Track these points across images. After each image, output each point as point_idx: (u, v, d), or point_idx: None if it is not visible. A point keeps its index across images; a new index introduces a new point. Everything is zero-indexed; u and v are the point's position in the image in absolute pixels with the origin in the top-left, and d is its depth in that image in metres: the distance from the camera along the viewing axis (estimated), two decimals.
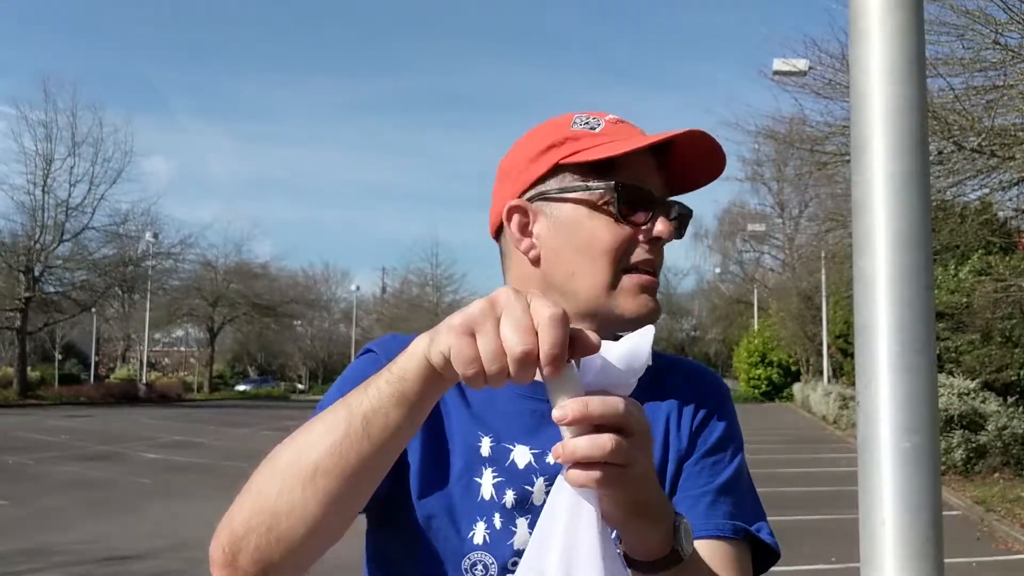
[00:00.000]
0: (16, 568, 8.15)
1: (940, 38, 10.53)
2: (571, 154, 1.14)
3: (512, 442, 1.14)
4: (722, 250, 61.81)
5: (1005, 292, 17.37)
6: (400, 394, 0.88)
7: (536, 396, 1.13)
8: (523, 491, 1.12)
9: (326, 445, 0.90)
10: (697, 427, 1.19)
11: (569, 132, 1.16)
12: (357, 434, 0.89)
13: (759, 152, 17.71)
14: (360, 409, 0.89)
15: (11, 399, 37.39)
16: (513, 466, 1.13)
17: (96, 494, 12.87)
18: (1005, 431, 14.76)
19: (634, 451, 0.86)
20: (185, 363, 68.62)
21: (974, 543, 9.74)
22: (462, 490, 1.13)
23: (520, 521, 1.11)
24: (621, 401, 0.85)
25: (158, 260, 45.91)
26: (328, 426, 0.91)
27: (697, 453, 1.18)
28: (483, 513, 1.12)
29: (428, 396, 0.89)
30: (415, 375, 0.87)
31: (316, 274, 71.35)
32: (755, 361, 51.89)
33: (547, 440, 1.08)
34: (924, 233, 0.77)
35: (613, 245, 1.13)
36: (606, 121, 1.17)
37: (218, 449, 20.05)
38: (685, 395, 1.21)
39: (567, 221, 1.15)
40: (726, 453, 1.20)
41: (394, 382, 0.88)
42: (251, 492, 0.96)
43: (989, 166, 11.88)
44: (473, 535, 1.11)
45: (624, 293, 1.14)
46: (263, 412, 36.33)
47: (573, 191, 1.14)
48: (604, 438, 0.83)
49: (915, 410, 0.74)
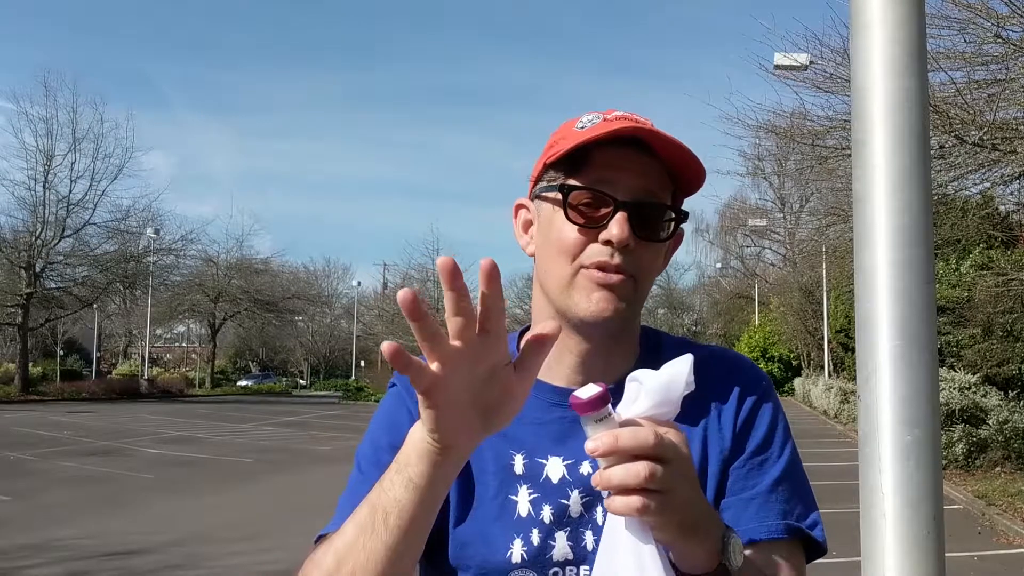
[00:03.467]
0: (18, 563, 8.16)
1: (942, 32, 10.53)
2: (553, 154, 1.16)
3: (544, 455, 1.15)
4: (723, 245, 61.83)
5: (1006, 286, 17.36)
6: (409, 482, 0.94)
7: (563, 403, 1.12)
8: (559, 505, 1.12)
9: (359, 545, 0.97)
10: (742, 426, 1.17)
11: (568, 132, 1.17)
12: (380, 529, 0.96)
13: (760, 147, 17.68)
14: (379, 506, 0.96)
15: (13, 395, 37.46)
16: (547, 481, 1.14)
17: (98, 489, 12.89)
18: (1006, 425, 14.76)
19: (672, 477, 0.88)
20: (187, 359, 68.69)
21: (975, 537, 9.75)
22: (498, 510, 1.13)
23: (559, 535, 1.11)
24: (653, 431, 0.88)
25: (159, 256, 46.00)
26: (357, 525, 0.99)
27: (744, 453, 1.16)
28: (520, 530, 1.12)
29: (435, 476, 0.94)
30: (416, 458, 0.93)
31: (317, 269, 71.50)
32: (756, 356, 51.88)
33: (578, 448, 1.06)
34: (925, 227, 0.77)
35: (568, 245, 1.13)
36: (603, 118, 1.15)
37: (220, 444, 20.08)
38: (726, 390, 1.18)
39: (545, 220, 1.18)
40: (773, 450, 1.18)
41: (401, 472, 0.95)
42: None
43: (990, 160, 11.87)
44: (511, 554, 1.11)
45: (578, 291, 1.13)
46: (265, 408, 36.37)
47: (548, 191, 1.16)
48: (638, 466, 0.87)
49: (916, 404, 0.74)
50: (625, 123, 1.12)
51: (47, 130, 40.26)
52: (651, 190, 1.14)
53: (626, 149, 1.12)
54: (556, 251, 1.14)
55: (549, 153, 1.17)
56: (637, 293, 1.14)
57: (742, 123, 13.82)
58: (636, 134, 1.11)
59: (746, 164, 24.13)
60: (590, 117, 1.17)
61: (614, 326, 1.14)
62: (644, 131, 1.10)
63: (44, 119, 40.34)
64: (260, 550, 8.32)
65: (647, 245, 1.13)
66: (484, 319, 0.85)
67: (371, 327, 62.91)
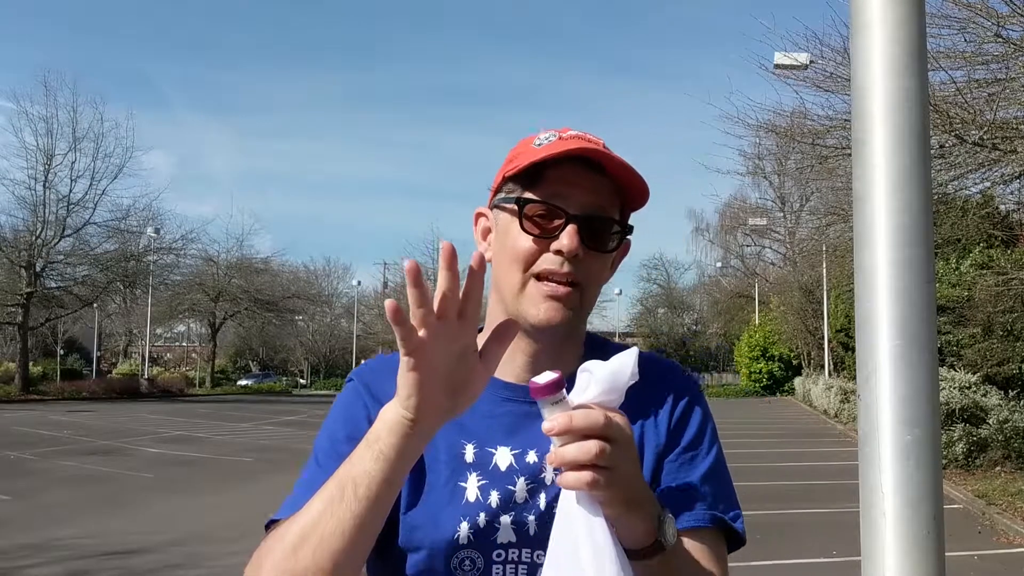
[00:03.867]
0: (18, 563, 8.16)
1: (941, 31, 10.52)
2: (512, 168, 1.25)
3: (494, 445, 1.24)
4: (723, 244, 61.82)
5: (1006, 286, 17.36)
6: (380, 455, 1.03)
7: (515, 399, 1.25)
8: (506, 491, 1.21)
9: (326, 516, 1.04)
10: (676, 424, 1.28)
11: (525, 148, 1.26)
12: (349, 500, 1.03)
13: (760, 146, 17.64)
14: (349, 478, 1.04)
15: (13, 394, 37.47)
16: (496, 469, 1.23)
17: (98, 489, 12.90)
18: (1006, 425, 14.76)
19: (618, 455, 1.00)
20: (187, 358, 68.68)
21: (975, 536, 9.75)
22: (448, 496, 1.21)
23: (504, 518, 1.20)
24: (603, 413, 1.00)
25: (160, 255, 45.99)
26: (324, 499, 1.06)
27: (677, 448, 1.27)
28: (468, 514, 1.20)
29: (404, 449, 1.03)
30: (387, 433, 1.02)
31: (317, 269, 71.46)
32: (756, 355, 51.88)
33: (526, 440, 1.22)
34: (925, 226, 0.77)
35: (522, 254, 1.22)
36: (559, 136, 1.25)
37: (220, 444, 20.08)
38: (660, 392, 1.29)
39: (502, 229, 1.27)
40: (702, 447, 1.28)
41: (372, 447, 1.03)
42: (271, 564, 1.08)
43: (991, 160, 11.86)
44: (458, 535, 1.19)
45: (529, 299, 1.22)
46: (265, 407, 36.37)
47: (506, 202, 1.26)
48: (590, 444, 0.98)
49: (916, 403, 0.74)
50: (579, 143, 1.21)
51: (47, 129, 40.32)
52: (600, 205, 1.23)
53: (578, 167, 1.21)
54: (510, 259, 1.23)
55: (508, 167, 1.26)
56: (583, 301, 1.24)
57: (742, 122, 13.82)
58: (588, 154, 1.20)
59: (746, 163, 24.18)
60: (547, 135, 1.26)
61: (561, 332, 1.24)
62: (596, 151, 1.20)
63: (44, 118, 40.43)
64: None
65: (595, 255, 1.23)
66: (464, 304, 0.98)
67: (371, 326, 62.93)
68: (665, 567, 1.09)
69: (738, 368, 56.35)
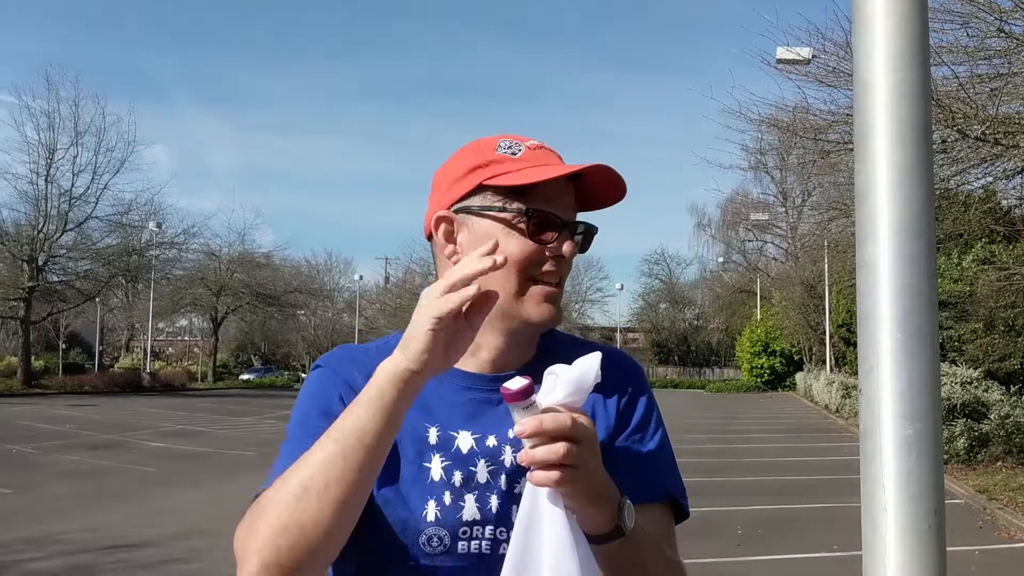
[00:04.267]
0: (20, 556, 8.18)
1: (944, 26, 10.50)
2: (493, 176, 1.31)
3: (456, 429, 1.32)
4: (725, 239, 61.81)
5: (1008, 281, 17.35)
6: (380, 408, 1.10)
7: (475, 387, 1.34)
8: (468, 472, 1.29)
9: (329, 466, 1.10)
10: (624, 407, 1.38)
11: (493, 156, 1.32)
12: (354, 450, 1.10)
13: (762, 141, 17.58)
14: (352, 431, 1.10)
15: (15, 388, 37.51)
16: (458, 451, 1.30)
17: (100, 483, 12.92)
18: (1008, 420, 14.76)
19: (583, 454, 1.08)
20: (189, 352, 68.78)
21: (976, 532, 9.76)
22: (414, 475, 1.28)
23: (468, 497, 1.28)
24: (569, 417, 1.08)
25: (162, 250, 45.94)
26: (324, 455, 1.11)
27: (626, 429, 1.37)
28: (434, 493, 1.27)
29: (403, 403, 1.12)
30: (389, 388, 1.10)
31: (319, 263, 71.49)
32: (758, 350, 51.90)
33: (486, 425, 1.31)
34: (927, 221, 0.76)
35: (522, 259, 1.29)
36: (526, 147, 1.33)
37: (222, 438, 20.11)
38: (611, 378, 1.35)
39: (484, 235, 1.31)
40: (649, 428, 1.39)
41: (373, 402, 1.11)
42: (269, 521, 1.11)
43: (993, 154, 11.84)
44: (426, 513, 1.26)
45: (530, 301, 1.30)
46: (267, 401, 36.44)
47: (492, 209, 1.31)
48: (558, 446, 1.06)
49: (917, 398, 0.74)
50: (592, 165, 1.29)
51: (49, 124, 40.19)
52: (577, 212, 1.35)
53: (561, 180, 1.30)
54: (509, 264, 1.28)
55: (486, 175, 1.31)
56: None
57: (744, 117, 13.77)
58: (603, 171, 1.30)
59: (748, 158, 24.06)
60: (508, 142, 1.34)
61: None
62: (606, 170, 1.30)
63: (46, 113, 40.27)
64: None
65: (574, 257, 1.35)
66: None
67: (373, 321, 62.93)
68: (625, 548, 1.18)
69: (739, 363, 56.36)
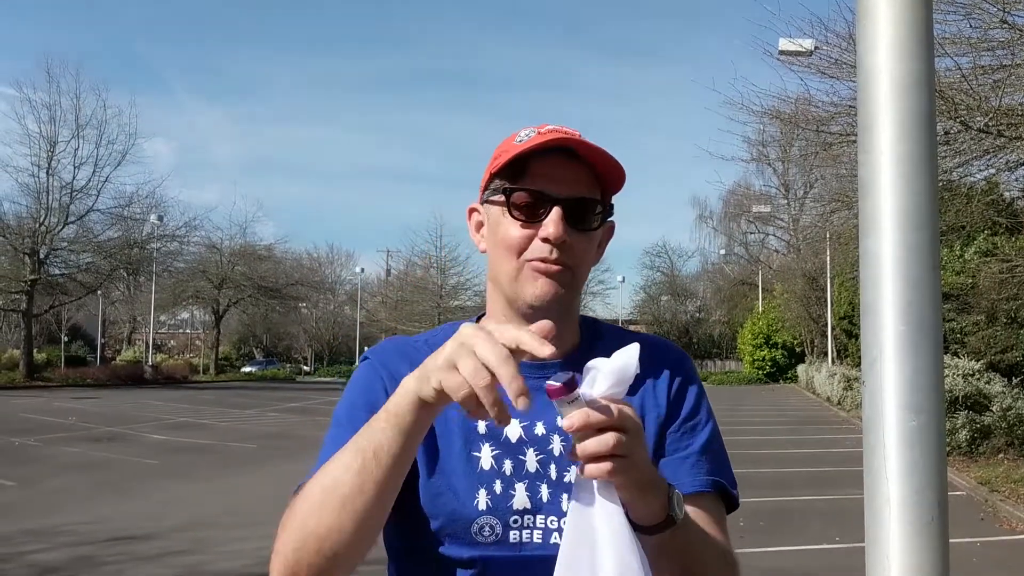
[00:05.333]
0: (23, 548, 8.20)
1: (947, 17, 10.46)
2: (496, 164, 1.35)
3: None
4: (727, 231, 61.78)
5: (1011, 273, 17.33)
6: (398, 428, 1.10)
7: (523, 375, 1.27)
8: (518, 460, 1.30)
9: (348, 478, 1.12)
10: (674, 396, 1.39)
11: (508, 145, 1.35)
12: (370, 465, 1.11)
13: (764, 133, 17.58)
14: (369, 446, 1.11)
15: (18, 381, 37.58)
16: (507, 440, 1.32)
17: (102, 475, 12.95)
18: (1010, 412, 14.76)
19: (632, 444, 1.08)
20: (191, 345, 68.80)
21: (978, 523, 9.77)
22: (464, 464, 1.30)
23: (519, 486, 1.29)
24: (616, 408, 1.07)
25: (163, 242, 45.91)
26: (345, 464, 1.13)
27: (677, 419, 1.38)
28: (484, 482, 1.29)
29: (421, 424, 1.11)
30: (408, 410, 1.09)
31: (321, 256, 71.52)
32: (759, 343, 51.90)
33: (533, 413, 1.29)
34: (931, 213, 0.76)
35: (514, 242, 1.32)
36: (537, 131, 1.33)
37: (224, 430, 20.15)
38: (660, 368, 1.40)
39: (493, 222, 1.37)
40: (700, 418, 1.39)
41: (391, 420, 1.11)
42: (293, 527, 1.17)
43: (996, 146, 11.82)
44: (477, 502, 1.28)
45: (524, 281, 1.32)
46: (268, 394, 36.45)
47: (494, 195, 1.36)
48: (607, 436, 1.05)
49: (921, 389, 0.74)
50: (556, 135, 1.30)
51: (50, 116, 40.19)
52: (580, 190, 1.32)
53: (558, 158, 1.31)
54: (504, 249, 1.33)
55: (493, 164, 1.35)
56: (575, 280, 1.34)
57: (746, 109, 13.74)
58: (566, 144, 1.29)
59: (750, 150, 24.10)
60: (527, 132, 1.35)
61: (556, 309, 1.32)
62: (573, 141, 1.29)
63: (47, 105, 40.26)
64: (264, 536, 8.30)
65: (580, 236, 1.32)
66: None
67: (375, 313, 62.93)
68: (677, 538, 1.18)
69: (741, 355, 56.37)
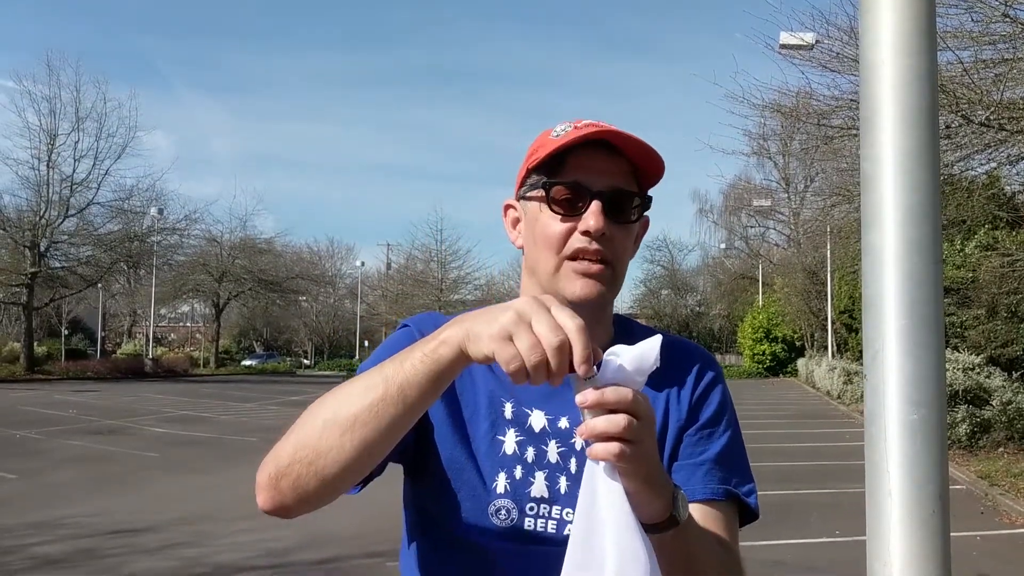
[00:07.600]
0: (24, 541, 8.22)
1: (949, 11, 10.43)
2: (533, 159, 1.35)
3: (530, 407, 1.34)
4: (727, 225, 61.69)
5: (1011, 267, 17.33)
6: (433, 372, 1.07)
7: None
8: (540, 450, 1.32)
9: (365, 403, 1.08)
10: (696, 401, 1.38)
11: (545, 140, 1.35)
12: (392, 398, 1.07)
13: (765, 126, 17.52)
14: (397, 379, 1.08)
15: (18, 374, 37.60)
16: (531, 428, 1.33)
17: (103, 468, 12.96)
18: (1010, 406, 14.77)
19: (642, 431, 1.06)
20: (191, 338, 68.82)
21: (978, 517, 9.78)
22: (487, 446, 1.32)
23: (538, 474, 1.31)
24: (631, 391, 1.06)
25: (163, 235, 45.89)
26: (367, 387, 1.10)
27: (696, 424, 1.37)
28: (505, 466, 1.31)
29: (454, 374, 1.10)
30: (449, 360, 1.07)
31: (321, 250, 71.50)
32: (759, 337, 51.88)
33: (559, 406, 1.32)
34: (933, 206, 0.76)
35: (552, 237, 1.32)
36: (573, 126, 1.33)
37: (224, 423, 20.16)
38: (685, 370, 1.40)
39: (531, 217, 1.37)
40: (720, 425, 1.38)
41: (429, 362, 1.07)
42: (297, 433, 1.14)
43: (997, 140, 11.81)
44: (496, 485, 1.29)
45: (565, 278, 1.32)
46: (269, 387, 36.48)
47: (532, 190, 1.36)
48: (619, 417, 1.04)
49: (922, 383, 0.74)
50: (593, 128, 1.30)
51: (50, 109, 40.15)
52: (619, 182, 1.32)
53: (596, 151, 1.31)
54: (543, 243, 1.33)
55: (531, 159, 1.36)
56: (615, 278, 1.34)
57: (747, 102, 13.71)
58: (602, 137, 1.30)
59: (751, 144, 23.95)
60: (563, 126, 1.35)
61: (596, 307, 1.34)
62: (610, 133, 1.29)
63: (47, 98, 40.24)
64: (265, 528, 8.35)
65: (620, 229, 1.32)
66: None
67: (375, 307, 62.94)
68: (677, 539, 1.16)
69: (741, 349, 56.36)
